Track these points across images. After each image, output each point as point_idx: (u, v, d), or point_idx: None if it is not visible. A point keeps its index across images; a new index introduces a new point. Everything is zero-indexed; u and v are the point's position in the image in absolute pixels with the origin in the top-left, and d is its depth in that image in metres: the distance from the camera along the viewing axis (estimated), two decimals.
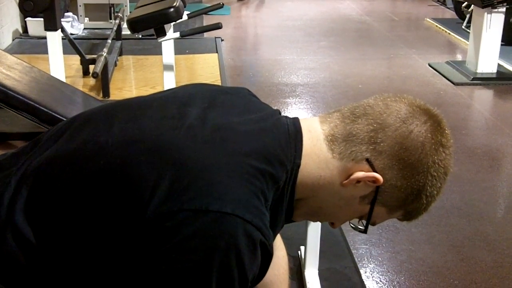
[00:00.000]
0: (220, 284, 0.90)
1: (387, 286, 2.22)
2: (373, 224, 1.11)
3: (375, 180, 1.02)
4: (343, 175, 1.04)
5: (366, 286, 2.20)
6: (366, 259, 2.36)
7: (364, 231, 1.13)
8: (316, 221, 1.25)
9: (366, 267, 2.32)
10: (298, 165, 1.03)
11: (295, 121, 1.09)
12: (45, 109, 2.25)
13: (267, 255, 0.97)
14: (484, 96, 4.50)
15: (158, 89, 4.08)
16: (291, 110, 4.02)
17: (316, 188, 1.05)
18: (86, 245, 0.96)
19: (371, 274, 2.28)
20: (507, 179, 3.14)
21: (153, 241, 0.90)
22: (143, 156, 0.95)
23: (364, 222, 1.11)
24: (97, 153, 0.99)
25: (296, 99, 4.20)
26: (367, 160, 1.02)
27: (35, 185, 1.01)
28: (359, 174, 1.02)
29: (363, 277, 2.25)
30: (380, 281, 2.25)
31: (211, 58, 5.01)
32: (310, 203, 1.08)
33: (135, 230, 0.91)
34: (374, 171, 1.02)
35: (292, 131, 1.05)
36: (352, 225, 1.17)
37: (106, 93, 4.00)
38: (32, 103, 2.24)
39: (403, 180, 1.03)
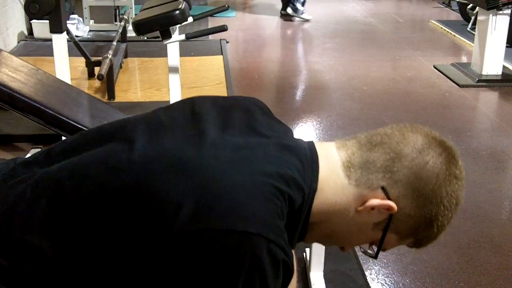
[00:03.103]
0: None
1: None
2: (383, 250, 1.14)
3: (389, 208, 1.05)
4: (358, 201, 1.06)
5: None
6: (371, 261, 2.36)
7: (375, 257, 1.15)
8: (327, 244, 1.27)
9: (371, 269, 2.32)
10: (315, 190, 1.05)
11: (311, 146, 1.11)
12: (50, 111, 2.26)
13: (288, 273, 0.99)
14: (489, 98, 4.49)
15: (163, 91, 4.09)
16: (296, 112, 4.02)
17: (331, 213, 1.08)
18: (106, 258, 0.97)
19: (376, 276, 2.28)
20: None
21: (178, 258, 0.92)
22: (168, 174, 0.97)
23: (374, 247, 1.14)
24: (120, 168, 1.00)
25: (301, 100, 4.20)
26: (383, 188, 1.05)
27: (54, 197, 1.01)
28: (374, 202, 1.05)
29: (368, 279, 2.25)
30: (386, 283, 2.25)
31: (216, 60, 5.02)
32: (323, 227, 1.10)
33: (159, 246, 0.93)
34: (389, 199, 1.04)
35: (308, 156, 1.07)
36: (362, 250, 1.19)
37: (111, 95, 4.00)
38: (37, 105, 2.25)
39: (416, 209, 1.06)
